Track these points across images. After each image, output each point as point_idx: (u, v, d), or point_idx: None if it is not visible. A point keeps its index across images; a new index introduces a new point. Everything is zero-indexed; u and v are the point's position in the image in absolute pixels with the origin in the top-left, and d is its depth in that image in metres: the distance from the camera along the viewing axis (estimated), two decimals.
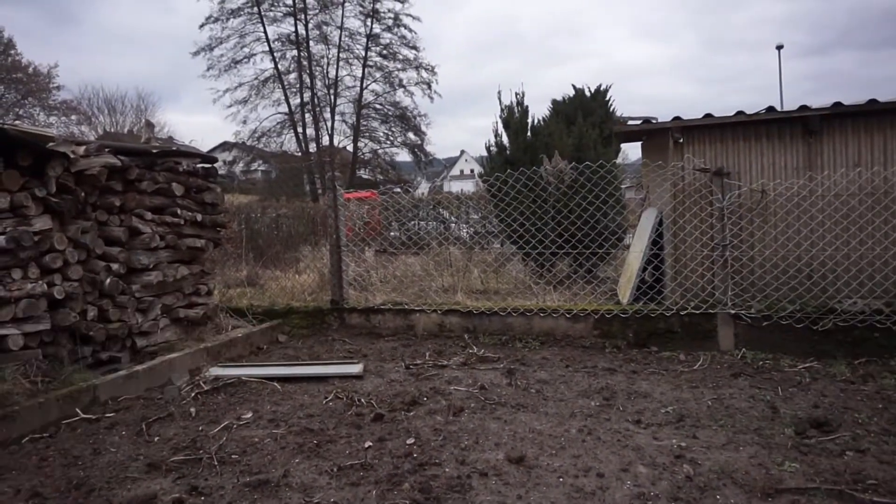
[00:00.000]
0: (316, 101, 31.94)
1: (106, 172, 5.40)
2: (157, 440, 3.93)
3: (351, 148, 33.02)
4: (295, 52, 31.60)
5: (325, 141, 32.43)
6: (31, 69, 32.62)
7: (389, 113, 33.74)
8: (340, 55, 31.93)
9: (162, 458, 3.61)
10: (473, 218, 12.38)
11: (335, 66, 31.92)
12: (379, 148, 34.19)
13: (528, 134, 10.26)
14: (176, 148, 6.63)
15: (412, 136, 34.25)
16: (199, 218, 6.58)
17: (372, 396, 4.67)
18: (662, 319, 6.10)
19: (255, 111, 33.34)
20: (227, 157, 32.09)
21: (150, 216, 5.98)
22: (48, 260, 4.91)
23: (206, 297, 6.78)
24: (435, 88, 33.20)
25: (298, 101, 31.74)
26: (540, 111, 29.43)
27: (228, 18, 30.75)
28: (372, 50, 32.31)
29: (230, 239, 11.18)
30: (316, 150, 32.04)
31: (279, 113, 32.28)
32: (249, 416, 4.35)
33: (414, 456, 3.53)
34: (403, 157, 35.70)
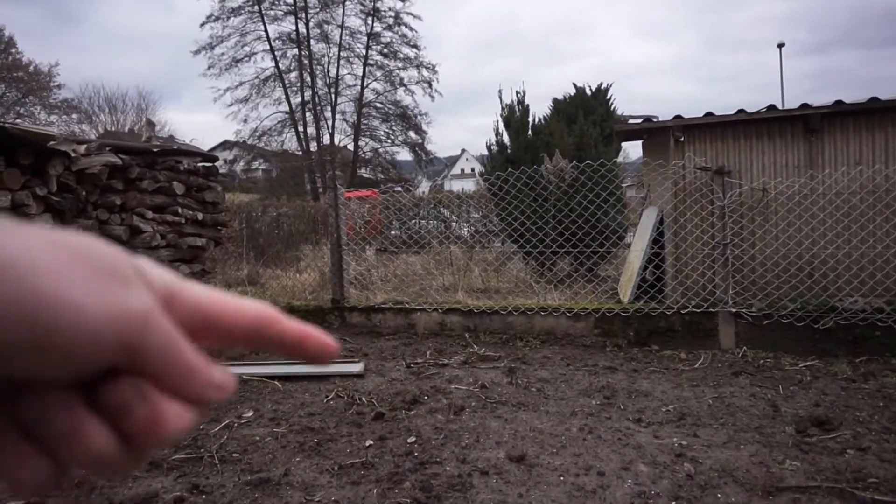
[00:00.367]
0: (317, 99, 31.94)
1: (107, 171, 5.40)
2: None
3: (352, 147, 33.01)
4: (296, 50, 31.59)
5: (325, 140, 32.44)
6: (31, 68, 32.67)
7: (390, 112, 33.72)
8: (341, 54, 31.93)
9: (163, 456, 3.61)
10: (474, 217, 12.39)
11: (336, 64, 31.92)
12: (380, 147, 34.19)
13: (528, 133, 10.26)
14: (177, 147, 6.64)
15: (413, 134, 34.24)
16: (199, 217, 6.59)
17: (373, 395, 4.67)
18: (663, 318, 6.10)
19: (255, 110, 33.37)
20: (227, 155, 32.06)
21: (150, 215, 5.99)
22: None
23: None
24: (436, 87, 33.17)
25: (299, 99, 31.74)
26: (541, 110, 29.40)
27: (229, 17, 30.73)
28: (373, 49, 32.29)
29: (231, 238, 11.18)
30: (317, 148, 32.04)
31: (280, 112, 32.30)
32: (250, 414, 4.35)
33: (415, 454, 3.53)
34: (404, 155, 35.73)
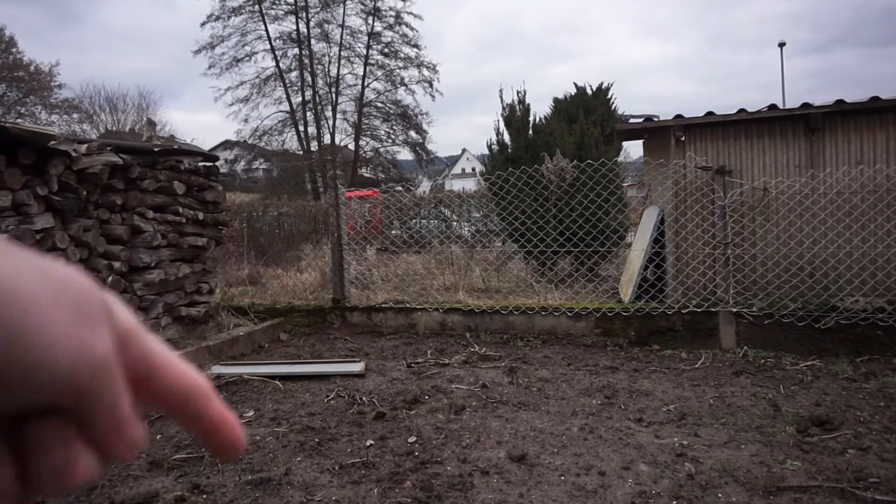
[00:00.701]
0: (317, 99, 31.93)
1: (108, 171, 5.40)
2: (158, 438, 3.94)
3: (352, 146, 33.00)
4: (296, 50, 31.58)
5: (326, 139, 32.45)
6: (32, 67, 32.68)
7: (391, 111, 33.71)
8: (342, 53, 31.91)
9: (164, 456, 3.61)
10: (475, 216, 12.39)
11: (336, 64, 31.91)
12: (380, 146, 34.19)
13: (529, 132, 10.25)
14: (177, 146, 6.63)
15: (414, 134, 34.23)
16: (200, 216, 6.59)
17: (373, 395, 4.67)
18: (664, 318, 6.10)
19: (256, 109, 33.40)
20: (228, 155, 32.05)
21: (151, 214, 5.99)
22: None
23: (207, 295, 6.79)
24: (436, 87, 33.15)
25: (300, 99, 31.74)
26: (542, 109, 29.45)
27: (230, 17, 30.72)
28: (373, 48, 32.28)
29: (232, 237, 11.18)
30: (317, 148, 32.05)
31: (281, 111, 32.29)
32: (251, 414, 4.35)
33: (415, 454, 3.54)
34: (405, 155, 35.72)
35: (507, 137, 10.44)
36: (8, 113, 29.91)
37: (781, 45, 27.70)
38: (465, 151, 60.36)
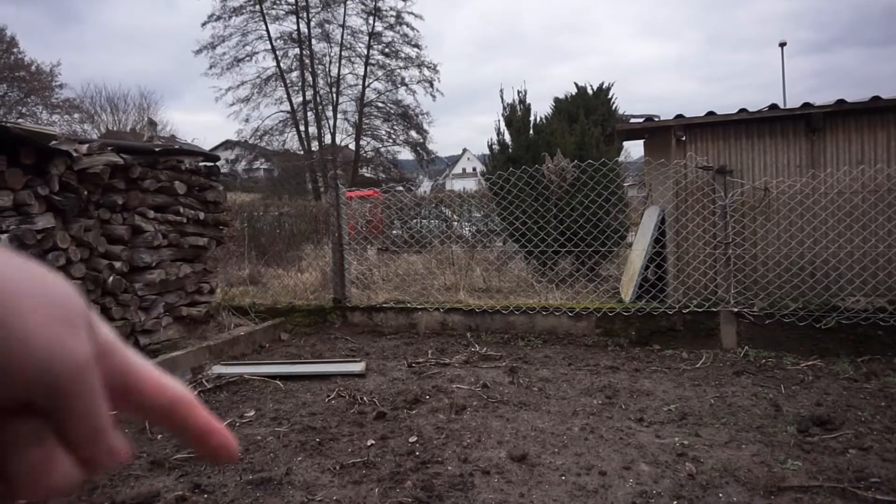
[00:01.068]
0: (318, 99, 31.94)
1: (108, 171, 5.40)
2: (159, 438, 3.94)
3: (353, 146, 33.01)
4: (297, 50, 31.59)
5: (327, 139, 32.46)
6: (33, 67, 32.71)
7: (391, 111, 33.72)
8: (342, 53, 31.92)
9: (165, 455, 3.61)
10: (476, 216, 12.39)
11: (337, 64, 31.92)
12: (381, 146, 34.19)
13: (530, 132, 10.25)
14: (178, 146, 6.63)
15: (414, 134, 34.23)
16: (201, 216, 6.59)
17: (374, 395, 4.67)
18: (665, 317, 6.10)
19: (257, 109, 33.47)
20: (229, 155, 32.06)
21: (152, 214, 5.99)
22: (51, 258, 4.91)
23: (208, 295, 6.79)
24: (437, 86, 33.15)
25: (301, 99, 31.75)
26: (542, 109, 29.42)
27: (231, 16, 30.73)
28: (374, 48, 32.28)
29: (233, 237, 11.18)
30: (318, 148, 32.06)
31: (281, 111, 32.30)
32: (252, 414, 4.36)
33: (416, 454, 3.54)
34: (406, 155, 35.73)
35: (507, 137, 10.44)
36: (9, 113, 29.93)
37: (782, 44, 27.70)
38: (465, 151, 60.36)
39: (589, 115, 10.25)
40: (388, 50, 32.56)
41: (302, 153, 32.21)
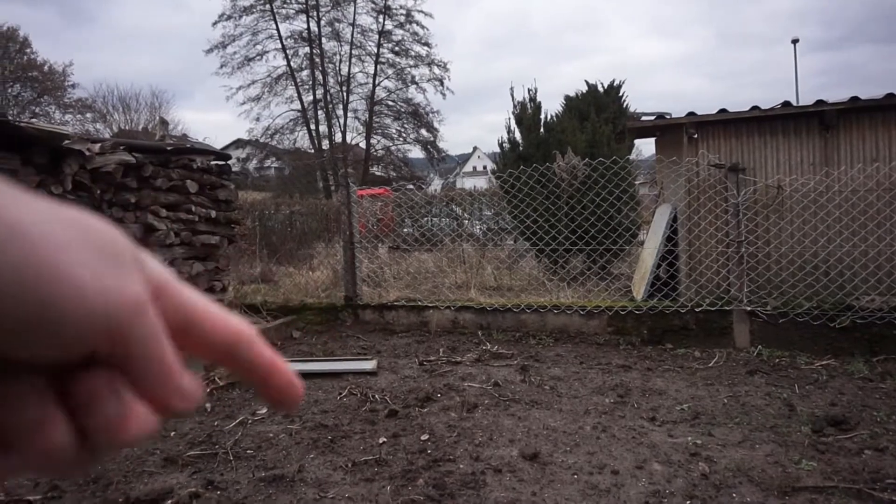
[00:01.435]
0: (328, 98, 31.99)
1: (121, 170, 5.44)
2: (173, 435, 3.96)
3: (363, 145, 33.07)
4: (307, 49, 31.64)
5: (337, 138, 32.50)
6: (46, 68, 32.98)
7: (402, 110, 33.72)
8: (353, 52, 31.95)
9: (178, 452, 3.64)
10: (486, 214, 12.38)
11: (347, 63, 31.95)
12: (391, 145, 34.21)
13: (540, 130, 10.24)
14: (190, 145, 6.66)
15: (425, 132, 34.22)
16: (213, 215, 6.62)
17: (386, 392, 4.68)
18: (677, 316, 6.07)
19: (267, 108, 33.55)
20: (240, 154, 32.18)
21: (164, 213, 6.02)
22: None
23: (220, 293, 6.82)
24: (447, 85, 33.10)
25: (311, 98, 31.80)
26: (553, 107, 29.35)
27: (241, 16, 30.81)
28: (384, 47, 32.29)
29: (244, 236, 11.23)
30: (329, 147, 32.12)
31: (292, 110, 32.38)
32: (264, 411, 4.37)
33: (428, 452, 3.54)
34: (416, 153, 35.72)
35: (518, 135, 10.43)
36: (23, 112, 30.19)
37: (795, 41, 27.48)
38: (476, 149, 60.29)
39: (600, 112, 10.22)
40: (398, 48, 32.58)
41: (312, 152, 32.28)
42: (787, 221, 6.19)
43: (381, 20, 31.89)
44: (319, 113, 32.08)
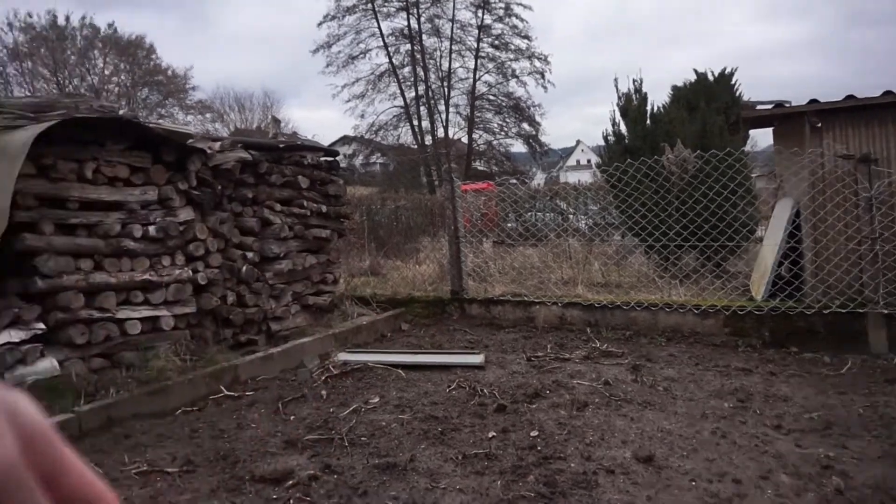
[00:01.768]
0: (430, 93, 32.31)
1: (239, 166, 5.73)
2: (292, 419, 4.14)
3: (466, 140, 33.18)
4: (408, 45, 32.06)
5: (440, 133, 32.80)
6: (169, 72, 35.24)
7: (503, 104, 33.53)
8: (453, 47, 32.07)
9: (297, 436, 3.79)
10: (592, 209, 12.12)
11: (448, 58, 32.11)
12: (493, 139, 34.12)
13: (647, 122, 9.91)
14: (300, 142, 6.92)
15: (526, 126, 33.86)
16: (323, 209, 6.85)
17: (494, 387, 4.68)
18: (802, 318, 5.69)
19: (371, 105, 34.18)
20: (347, 150, 33.11)
21: (279, 207, 6.29)
22: (192, 248, 5.28)
23: (332, 285, 7.05)
24: (548, 78, 32.57)
25: (413, 94, 32.23)
26: (659, 98, 28.23)
27: (344, 16, 31.59)
28: (484, 41, 32.19)
29: (353, 230, 11.56)
30: (431, 142, 32.47)
31: (395, 106, 32.93)
32: (376, 400, 4.48)
33: (538, 449, 3.50)
34: (518, 147, 35.41)
35: (623, 128, 10.15)
36: (150, 115, 32.42)
37: None
38: (579, 143, 59.12)
39: (710, 102, 9.74)
40: (497, 42, 32.40)
41: (416, 147, 32.74)
42: None
43: (480, 15, 31.83)
44: (422, 109, 32.48)
